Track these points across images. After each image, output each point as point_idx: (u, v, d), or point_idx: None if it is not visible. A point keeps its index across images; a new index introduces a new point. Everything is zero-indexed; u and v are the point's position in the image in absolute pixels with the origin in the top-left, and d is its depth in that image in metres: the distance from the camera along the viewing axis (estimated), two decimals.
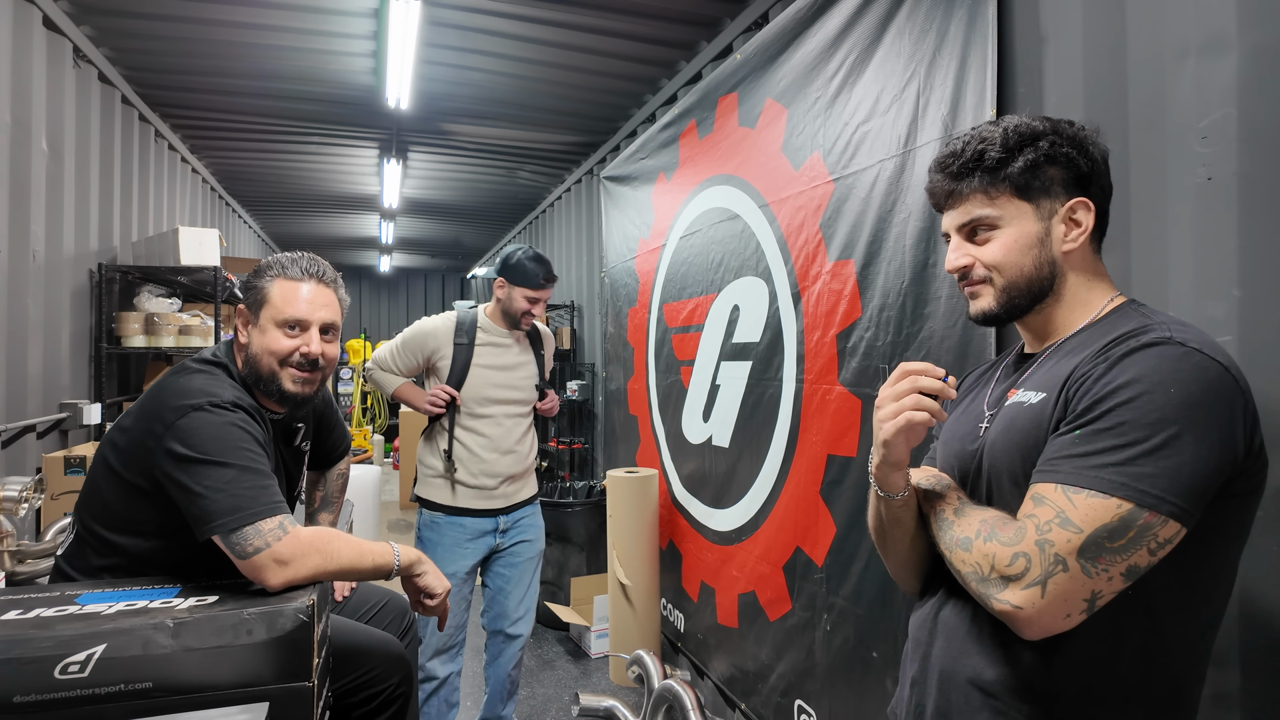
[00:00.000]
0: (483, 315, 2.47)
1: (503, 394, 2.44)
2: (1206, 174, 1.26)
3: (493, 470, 2.41)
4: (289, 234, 9.13)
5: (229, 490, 1.28)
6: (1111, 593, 0.81)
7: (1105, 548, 0.79)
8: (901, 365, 0.96)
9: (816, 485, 2.29)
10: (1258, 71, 1.19)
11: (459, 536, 2.39)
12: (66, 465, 2.85)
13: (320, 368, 1.53)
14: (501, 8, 3.23)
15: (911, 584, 1.09)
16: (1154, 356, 0.82)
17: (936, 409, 0.93)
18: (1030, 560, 0.82)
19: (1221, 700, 1.24)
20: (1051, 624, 0.82)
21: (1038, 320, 1.01)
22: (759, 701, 2.63)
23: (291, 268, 1.51)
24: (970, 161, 0.97)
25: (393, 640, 1.67)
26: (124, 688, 1.11)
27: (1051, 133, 0.96)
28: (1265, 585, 1.18)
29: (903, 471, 0.99)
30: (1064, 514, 0.81)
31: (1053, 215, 0.96)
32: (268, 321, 1.48)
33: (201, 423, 1.32)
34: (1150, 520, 0.78)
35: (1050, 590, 0.80)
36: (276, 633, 1.19)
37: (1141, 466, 0.79)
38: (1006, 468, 0.93)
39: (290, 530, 1.30)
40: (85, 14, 3.30)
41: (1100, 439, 0.82)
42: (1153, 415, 0.79)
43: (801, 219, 2.38)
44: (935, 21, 1.84)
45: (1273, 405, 1.17)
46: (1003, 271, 0.97)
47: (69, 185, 3.32)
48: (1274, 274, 1.17)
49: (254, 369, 1.49)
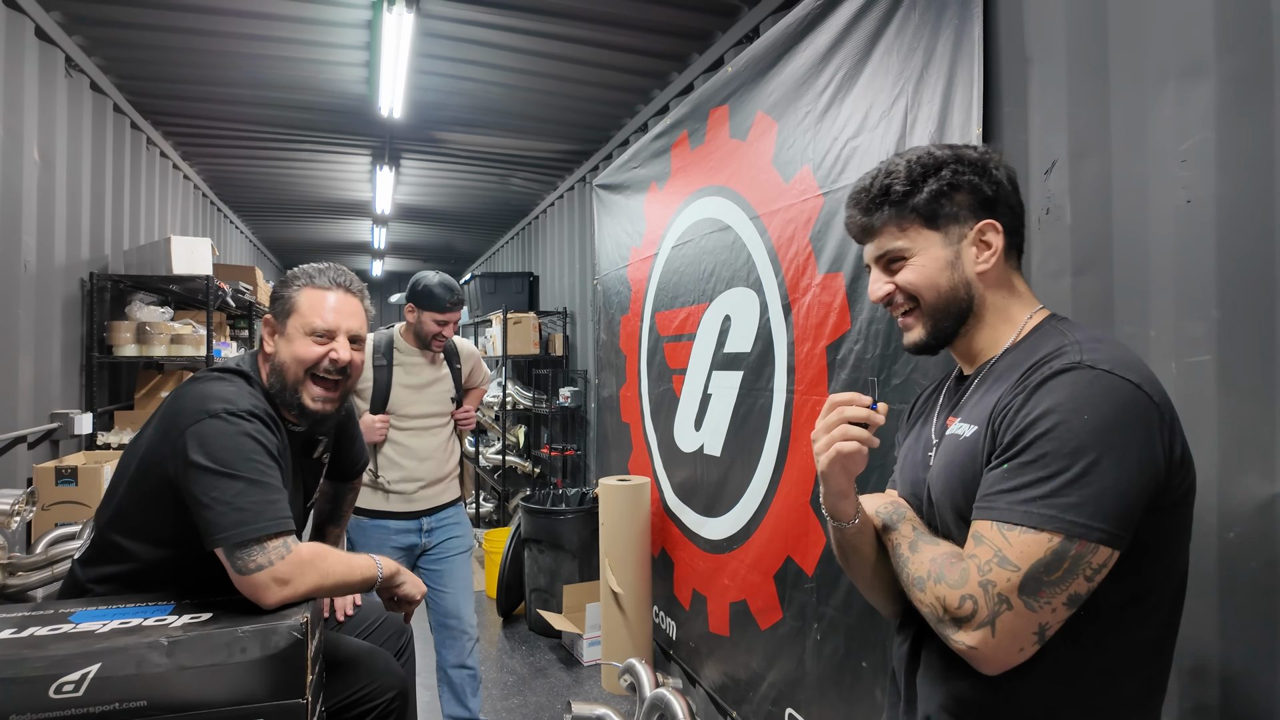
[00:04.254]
0: (398, 336, 2.62)
1: (420, 409, 2.60)
2: (1186, 196, 1.28)
3: (412, 476, 2.57)
4: (281, 239, 9.11)
5: (235, 503, 1.29)
6: (1058, 622, 0.83)
7: (1044, 581, 0.81)
8: (830, 397, 0.98)
9: (807, 495, 2.31)
10: (1235, 97, 1.22)
11: (384, 537, 2.53)
12: (58, 476, 2.84)
13: (347, 376, 1.55)
14: (494, 19, 3.24)
15: (886, 607, 1.10)
16: (1066, 384, 0.84)
17: (866, 436, 0.95)
18: (977, 602, 0.84)
19: (1201, 713, 1.26)
20: (1007, 659, 0.84)
21: (964, 343, 1.03)
22: (750, 709, 2.64)
23: (319, 277, 1.54)
24: (878, 195, 1.01)
25: (387, 655, 1.68)
26: (119, 707, 1.11)
27: (954, 160, 0.99)
28: (1245, 601, 1.21)
29: (849, 500, 1.00)
30: (1001, 552, 0.83)
31: (961, 239, 0.99)
32: (295, 330, 1.50)
33: (215, 431, 1.33)
34: (1081, 549, 0.81)
35: (999, 629, 0.83)
36: (270, 650, 1.20)
37: (1066, 497, 0.81)
38: (950, 502, 0.96)
39: (293, 549, 1.32)
40: (77, 24, 3.30)
41: (1025, 472, 0.84)
42: (1070, 444, 0.82)
43: (792, 231, 2.40)
44: (923, 40, 1.87)
45: (1249, 423, 1.20)
46: (923, 294, 1.00)
47: (60, 194, 3.31)
48: (1252, 295, 1.19)
49: (280, 377, 1.50)
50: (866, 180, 1.03)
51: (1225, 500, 1.22)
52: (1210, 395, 1.24)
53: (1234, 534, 1.22)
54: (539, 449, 6.03)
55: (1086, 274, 1.47)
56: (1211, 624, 1.24)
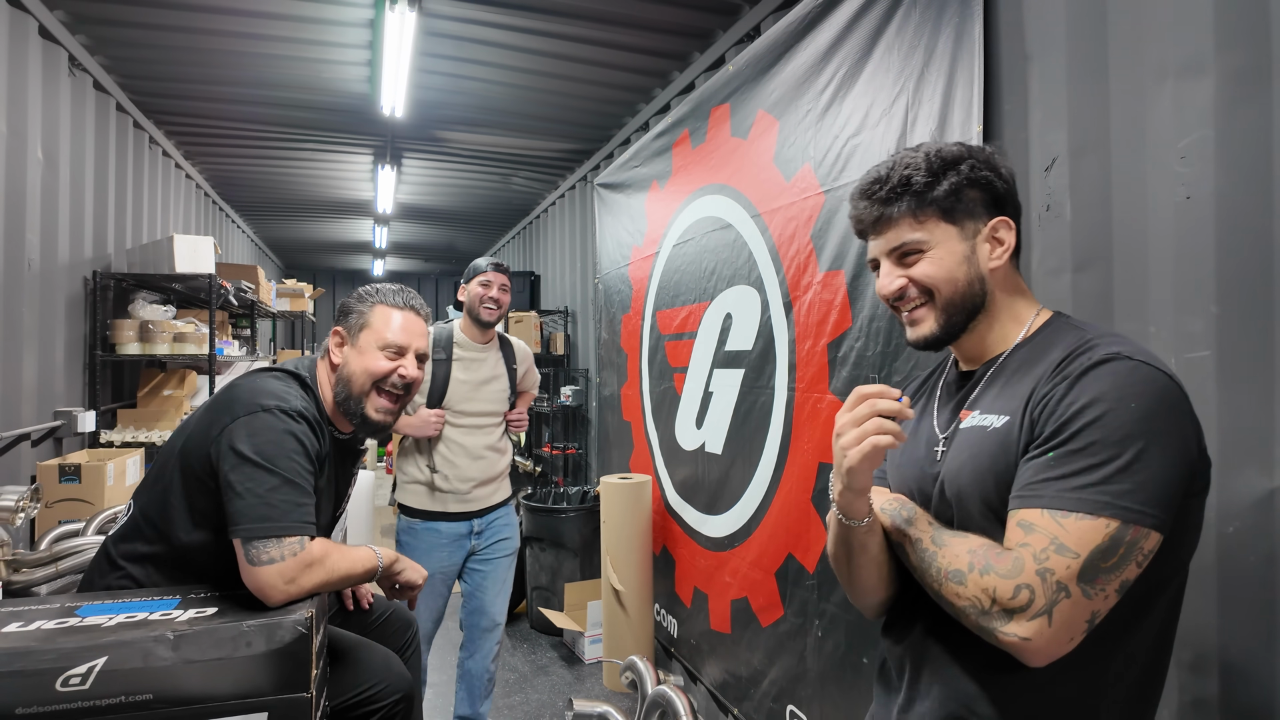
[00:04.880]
0: (457, 330, 2.58)
1: (477, 406, 2.55)
2: (1185, 193, 1.29)
3: (466, 475, 2.51)
4: (283, 238, 9.12)
5: (266, 498, 1.33)
6: (1107, 610, 0.83)
7: (1101, 568, 0.81)
8: (856, 390, 0.95)
9: (808, 493, 2.32)
10: (1234, 94, 1.23)
11: (435, 540, 2.49)
12: (61, 473, 2.85)
13: (409, 391, 1.64)
14: (496, 18, 3.25)
15: (874, 608, 1.08)
16: (1109, 374, 0.86)
17: (898, 431, 0.93)
18: (1034, 591, 0.82)
19: (1200, 706, 1.27)
20: (1058, 650, 0.83)
21: (971, 339, 1.03)
22: (751, 707, 2.65)
23: (392, 297, 1.64)
24: (898, 186, 1.00)
25: (394, 657, 1.68)
26: (125, 700, 1.12)
27: (969, 156, 0.99)
28: (1244, 595, 1.21)
29: (865, 497, 0.99)
30: (1058, 540, 0.82)
31: (976, 235, 1.00)
32: (368, 344, 1.58)
33: (263, 425, 1.38)
34: (1136, 535, 0.81)
35: (1056, 618, 0.82)
36: (275, 644, 1.21)
37: (1120, 483, 0.81)
38: (978, 493, 0.94)
39: (305, 548, 1.34)
40: (81, 23, 3.31)
41: (1075, 460, 0.84)
42: (1119, 432, 0.82)
43: (793, 229, 2.41)
44: (924, 38, 1.87)
45: (1246, 417, 1.20)
46: (940, 288, 0.99)
47: (64, 193, 3.33)
48: (1250, 291, 1.20)
49: (346, 387, 1.57)
50: (881, 172, 1.02)
51: (1224, 495, 1.23)
52: (1209, 391, 1.24)
53: (1233, 529, 1.22)
54: (540, 447, 6.04)
55: (1086, 270, 1.48)
56: (1211, 618, 1.25)
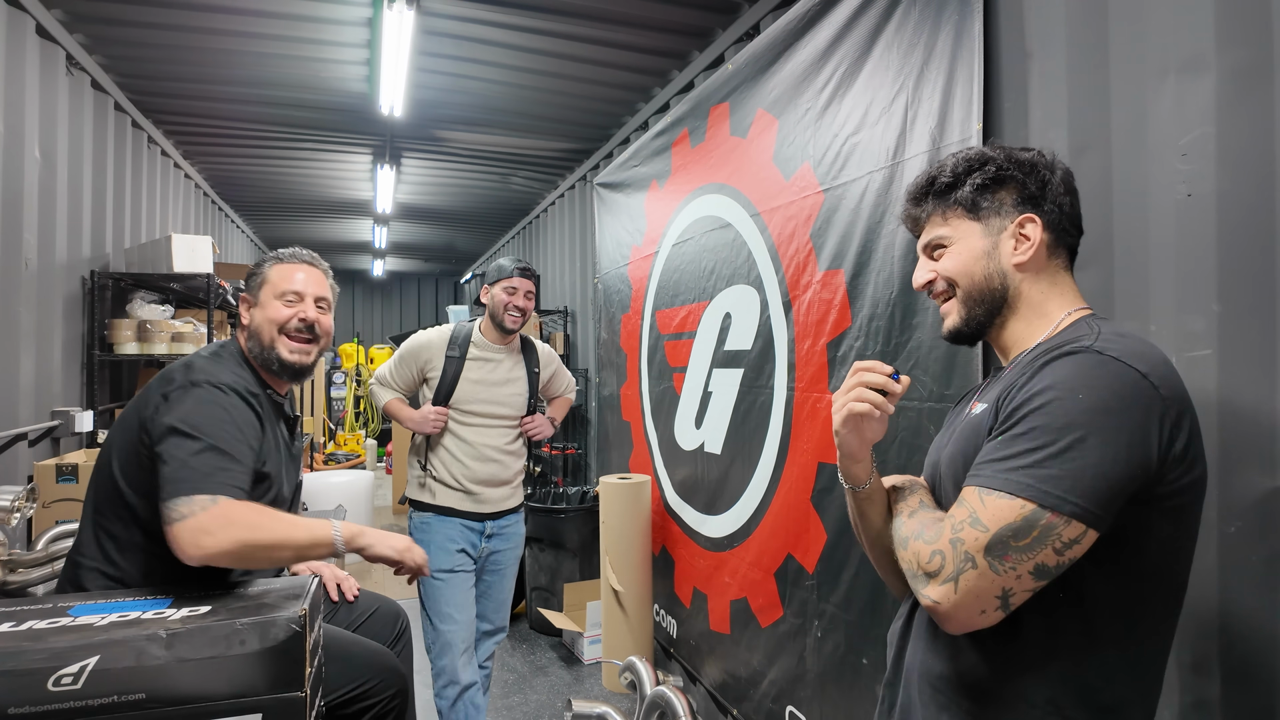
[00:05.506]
0: (477, 331, 2.52)
1: (488, 408, 2.48)
2: (1186, 190, 1.28)
3: (472, 475, 2.45)
4: (282, 238, 9.11)
5: (189, 462, 1.35)
6: (1024, 591, 0.85)
7: (1011, 546, 0.83)
8: (856, 363, 1.03)
9: (808, 493, 2.31)
10: (1235, 91, 1.22)
11: (449, 534, 2.44)
12: (58, 473, 2.84)
13: (317, 335, 1.67)
14: (494, 17, 3.24)
15: (897, 585, 1.12)
16: (1069, 364, 0.87)
17: (880, 401, 0.99)
18: (944, 557, 0.87)
19: (1202, 707, 1.26)
20: (968, 619, 0.86)
21: (999, 335, 1.05)
22: (751, 707, 2.64)
23: (287, 256, 1.71)
24: (924, 186, 1.08)
25: (387, 653, 1.68)
26: (117, 699, 1.11)
27: (1003, 159, 1.03)
28: (1246, 595, 1.20)
29: (861, 465, 1.04)
30: (975, 514, 0.86)
31: (1001, 231, 1.02)
32: (267, 297, 1.64)
33: (192, 399, 1.42)
34: (1053, 520, 0.82)
35: (962, 586, 0.85)
36: (269, 643, 1.20)
37: (1047, 469, 0.83)
38: (951, 475, 1.00)
39: (220, 503, 1.32)
40: (78, 22, 3.30)
41: (1015, 443, 0.87)
42: (1060, 420, 0.84)
43: (792, 228, 2.40)
44: (923, 35, 1.87)
45: (1249, 416, 1.19)
46: (958, 280, 1.04)
47: (61, 192, 3.32)
48: (1252, 289, 1.19)
49: (257, 341, 1.62)
50: (921, 176, 1.10)
51: (1226, 495, 1.22)
52: (1211, 389, 1.23)
53: (1235, 528, 1.21)
54: (539, 447, 6.02)
55: (1087, 269, 1.47)
56: (1212, 619, 1.24)
